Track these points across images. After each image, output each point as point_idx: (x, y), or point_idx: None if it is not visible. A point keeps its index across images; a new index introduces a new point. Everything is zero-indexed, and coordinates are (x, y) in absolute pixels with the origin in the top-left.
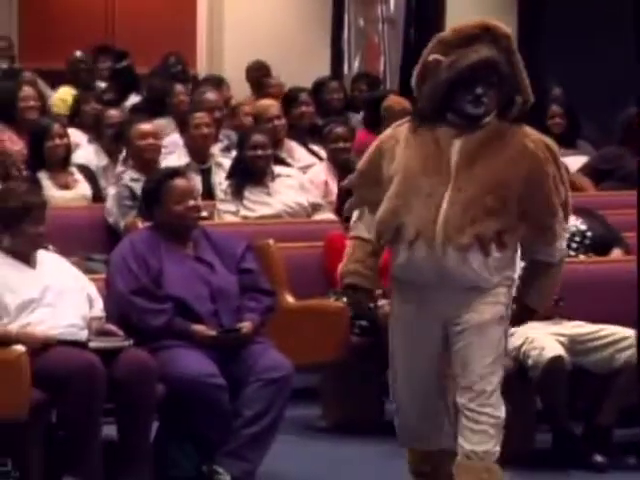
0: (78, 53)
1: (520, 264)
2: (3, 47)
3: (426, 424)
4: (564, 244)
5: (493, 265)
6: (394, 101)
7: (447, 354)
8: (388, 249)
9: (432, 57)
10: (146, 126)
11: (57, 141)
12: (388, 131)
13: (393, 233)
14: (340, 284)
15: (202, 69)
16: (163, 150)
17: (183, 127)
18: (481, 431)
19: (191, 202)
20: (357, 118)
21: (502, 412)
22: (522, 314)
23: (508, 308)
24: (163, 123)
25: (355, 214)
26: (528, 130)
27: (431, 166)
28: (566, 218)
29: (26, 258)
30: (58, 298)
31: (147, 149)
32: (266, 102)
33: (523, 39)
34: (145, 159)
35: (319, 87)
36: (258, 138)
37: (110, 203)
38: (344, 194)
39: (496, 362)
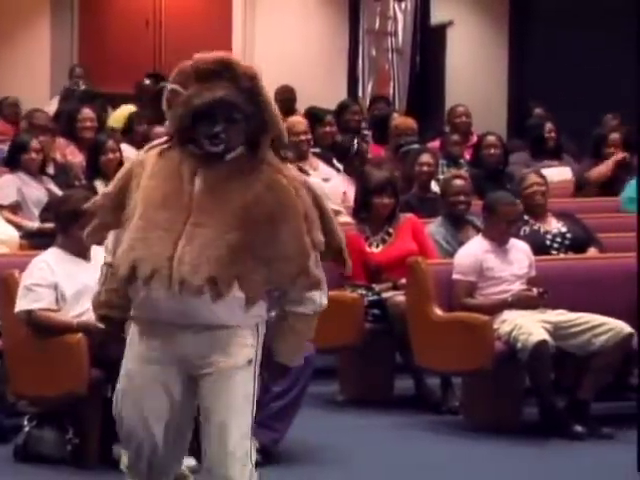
0: (146, 81)
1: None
2: (79, 74)
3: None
4: (323, 297)
5: (236, 304)
6: (400, 120)
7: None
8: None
9: (171, 87)
10: None
11: (110, 155)
12: (140, 155)
13: (128, 269)
14: (95, 315)
15: None
16: None
17: None
18: None
19: None
20: None
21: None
22: (276, 371)
23: (257, 350)
24: None
25: (109, 239)
26: (282, 166)
27: (171, 200)
28: (341, 260)
29: (81, 254)
30: None
31: None
32: (295, 119)
33: (513, 65)
34: None
35: (342, 109)
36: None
37: None
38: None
39: (245, 412)
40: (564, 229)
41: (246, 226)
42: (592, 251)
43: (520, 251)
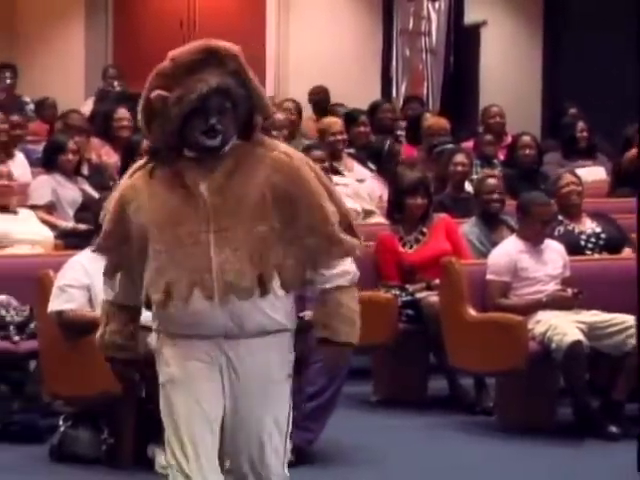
0: None
1: None
2: (112, 75)
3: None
4: (353, 265)
5: (282, 306)
6: (433, 120)
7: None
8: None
9: (154, 94)
10: None
11: None
12: (126, 181)
13: (163, 294)
14: (102, 354)
15: (270, 92)
16: None
17: None
18: None
19: None
20: None
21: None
22: (341, 353)
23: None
24: None
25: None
26: (275, 143)
27: (184, 213)
28: (353, 234)
29: None
30: None
31: None
32: (330, 119)
33: (546, 65)
34: None
35: (374, 109)
36: (316, 153)
37: None
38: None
39: (284, 423)
40: (598, 229)
41: (268, 214)
42: (627, 251)
43: (554, 251)
